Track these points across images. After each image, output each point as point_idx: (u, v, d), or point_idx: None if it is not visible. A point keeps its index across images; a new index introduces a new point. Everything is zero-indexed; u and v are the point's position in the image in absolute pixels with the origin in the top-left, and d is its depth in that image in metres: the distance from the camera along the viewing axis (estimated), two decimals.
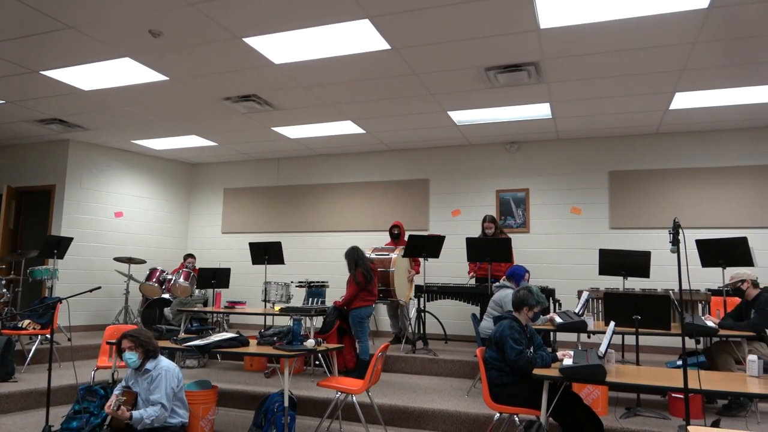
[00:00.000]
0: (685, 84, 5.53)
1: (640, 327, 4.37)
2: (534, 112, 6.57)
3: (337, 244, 8.44)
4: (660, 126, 7.03)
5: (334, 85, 5.81)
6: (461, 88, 5.79)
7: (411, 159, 8.56)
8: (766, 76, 5.30)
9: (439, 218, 8.28)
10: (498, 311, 5.11)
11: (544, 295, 4.14)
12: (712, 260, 5.39)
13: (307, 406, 5.02)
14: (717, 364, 4.80)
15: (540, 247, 7.69)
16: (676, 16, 4.18)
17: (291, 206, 9.19)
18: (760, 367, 3.43)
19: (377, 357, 4.21)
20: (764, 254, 6.48)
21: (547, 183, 7.81)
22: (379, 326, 8.19)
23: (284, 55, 5.04)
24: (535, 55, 4.95)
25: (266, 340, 4.44)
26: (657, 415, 4.54)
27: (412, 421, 4.75)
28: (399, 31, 4.53)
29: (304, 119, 7.06)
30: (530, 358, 3.64)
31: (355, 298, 5.71)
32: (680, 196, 7.20)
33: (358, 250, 5.86)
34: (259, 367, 6.42)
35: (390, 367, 6.19)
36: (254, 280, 8.74)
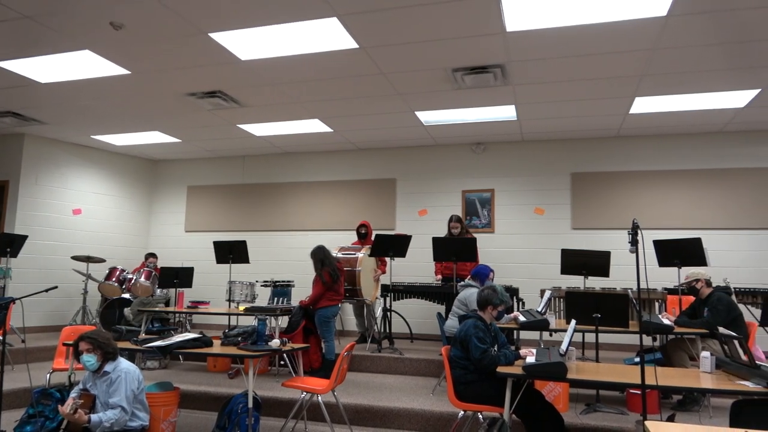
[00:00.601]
0: (645, 89, 5.70)
1: (599, 325, 4.49)
2: (499, 113, 6.67)
3: (304, 243, 8.38)
4: (620, 129, 7.23)
5: (301, 83, 5.77)
6: (429, 88, 5.83)
7: (378, 158, 8.57)
8: (721, 83, 5.51)
9: (406, 218, 8.32)
10: (463, 310, 5.16)
11: (508, 294, 4.20)
12: (669, 260, 5.58)
13: (271, 406, 4.97)
14: (672, 361, 4.97)
15: (504, 247, 7.81)
16: (636, 23, 4.31)
17: (257, 205, 9.09)
18: (713, 363, 3.56)
19: (343, 356, 4.20)
20: (717, 254, 6.74)
21: (511, 184, 7.93)
22: (345, 326, 8.17)
23: (251, 51, 4.98)
24: (501, 58, 5.02)
25: (230, 340, 4.38)
26: (615, 410, 4.67)
27: (377, 420, 4.76)
28: (367, 30, 4.53)
29: (271, 117, 6.98)
30: (494, 357, 3.69)
31: (321, 298, 5.69)
32: (639, 198, 7.43)
33: (324, 249, 5.84)
34: (223, 367, 6.33)
35: (356, 366, 6.18)
36: (218, 279, 8.61)
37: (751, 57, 4.85)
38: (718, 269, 6.47)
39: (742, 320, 4.83)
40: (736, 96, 5.85)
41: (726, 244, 7.03)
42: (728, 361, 3.56)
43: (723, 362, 3.60)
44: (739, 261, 6.95)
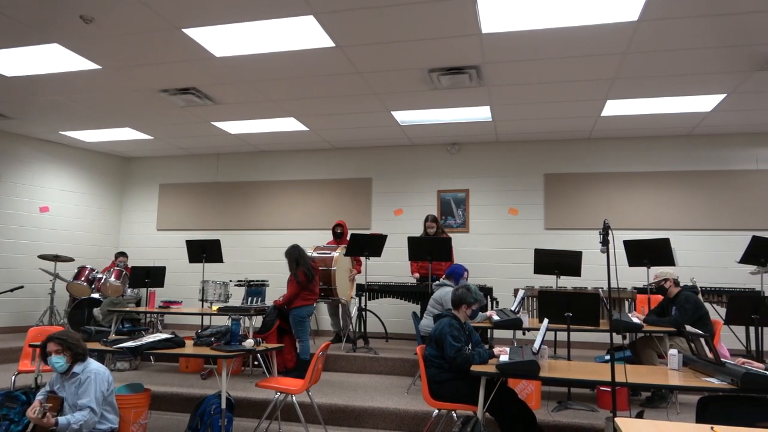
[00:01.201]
0: (616, 92, 5.81)
1: (571, 324, 4.57)
2: (475, 114, 6.72)
3: (278, 243, 8.31)
4: (592, 131, 7.36)
5: (277, 81, 5.72)
6: (405, 88, 5.85)
7: (354, 158, 8.56)
8: (690, 87, 5.65)
9: (382, 217, 8.33)
10: (438, 309, 5.19)
11: (482, 294, 4.24)
12: (638, 260, 5.70)
13: (245, 407, 4.92)
14: (641, 359, 5.08)
15: (479, 247, 7.88)
16: (608, 28, 4.39)
17: (231, 203, 8.99)
18: (680, 360, 3.66)
19: (318, 356, 4.19)
20: (684, 254, 6.91)
21: (486, 184, 8.01)
22: (319, 325, 8.14)
23: (226, 48, 4.92)
24: (477, 59, 5.06)
25: (203, 340, 4.33)
26: (586, 407, 4.76)
27: (352, 420, 4.76)
28: (344, 29, 4.52)
29: (246, 115, 6.91)
30: (468, 355, 3.72)
31: (296, 297, 5.66)
32: (610, 199, 7.57)
33: (299, 248, 5.80)
34: (195, 368, 6.24)
35: (331, 366, 6.16)
36: (191, 279, 8.50)
37: (718, 62, 4.99)
38: (685, 269, 6.64)
39: (708, 319, 4.96)
40: (703, 100, 6.01)
41: (693, 245, 7.22)
42: (695, 359, 3.65)
43: (690, 360, 3.69)
44: (706, 261, 7.14)
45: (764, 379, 3.00)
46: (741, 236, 6.64)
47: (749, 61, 4.93)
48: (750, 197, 7.16)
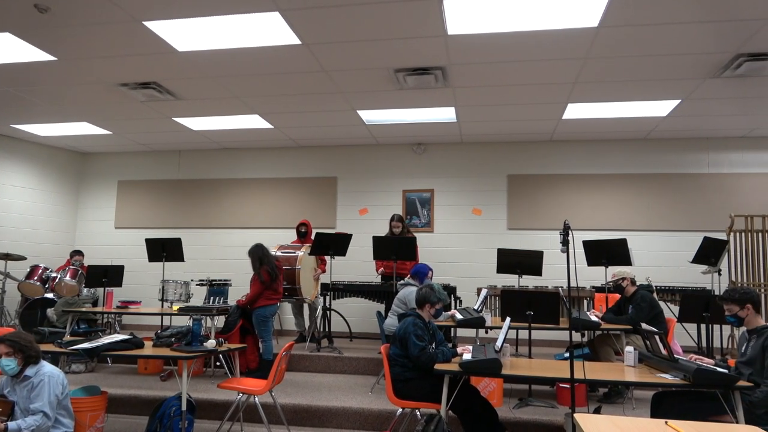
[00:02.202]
0: (577, 96, 5.95)
1: (532, 322, 4.66)
2: (440, 115, 6.78)
3: (241, 242, 8.21)
4: (554, 134, 7.52)
5: (241, 77, 5.64)
6: (371, 87, 5.85)
7: (319, 156, 8.51)
8: (646, 93, 5.84)
9: (347, 216, 8.31)
10: (402, 309, 5.21)
11: (446, 293, 4.29)
12: (597, 260, 5.86)
13: (206, 408, 4.84)
14: (599, 356, 5.22)
15: (443, 246, 7.96)
16: (570, 33, 4.49)
17: (193, 201, 8.81)
18: (636, 357, 3.77)
19: (281, 356, 4.15)
20: (640, 254, 7.15)
21: (450, 184, 8.09)
22: (283, 325, 8.07)
23: (189, 42, 4.82)
24: (443, 60, 5.11)
25: (163, 341, 4.24)
26: (546, 404, 4.86)
27: (315, 420, 4.74)
28: (310, 26, 4.49)
29: (209, 111, 6.79)
30: (432, 354, 3.75)
31: (260, 297, 5.59)
32: (570, 200, 7.76)
33: (263, 247, 5.73)
34: (155, 370, 6.10)
35: (294, 366, 6.12)
36: (150, 278, 8.31)
37: (674, 69, 5.17)
38: (641, 268, 6.86)
39: (663, 317, 5.14)
40: (659, 106, 6.22)
41: (648, 245, 7.46)
42: (650, 356, 3.78)
43: (645, 356, 3.81)
44: (660, 260, 7.39)
45: (714, 375, 3.13)
46: (693, 237, 6.91)
47: (702, 68, 5.13)
48: (702, 200, 7.45)
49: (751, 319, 3.49)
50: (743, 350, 3.50)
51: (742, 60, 4.83)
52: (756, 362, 3.34)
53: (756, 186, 7.35)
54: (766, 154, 7.38)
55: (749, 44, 4.59)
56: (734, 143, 7.47)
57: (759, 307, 3.52)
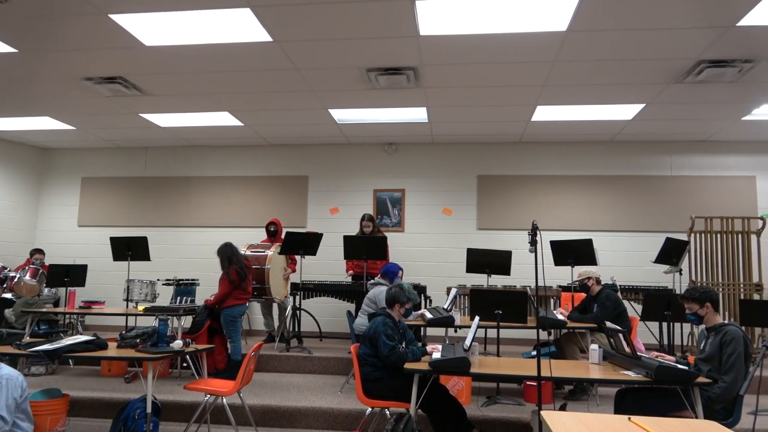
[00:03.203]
0: (546, 98, 6.05)
1: (500, 321, 4.72)
2: (412, 115, 6.81)
3: (210, 241, 8.09)
4: (523, 135, 7.63)
5: (211, 74, 5.55)
6: (343, 86, 5.83)
7: (290, 155, 8.45)
8: (613, 96, 5.97)
9: (318, 216, 8.27)
10: (372, 308, 5.22)
11: (416, 292, 4.31)
12: (563, 259, 5.97)
13: (172, 410, 4.75)
14: (565, 354, 5.32)
15: (414, 246, 7.99)
16: (539, 36, 4.57)
17: (160, 199, 8.64)
18: (600, 355, 3.86)
19: (250, 357, 4.11)
20: (605, 254, 7.31)
21: (421, 184, 8.13)
22: (252, 325, 7.99)
23: (157, 37, 4.72)
24: (415, 61, 5.13)
25: (128, 342, 4.15)
26: (513, 402, 4.93)
27: (284, 421, 4.70)
28: (281, 23, 4.45)
29: (177, 107, 6.67)
30: (402, 353, 3.76)
31: (228, 297, 5.52)
32: (538, 201, 7.88)
33: (232, 246, 5.66)
34: (119, 371, 5.97)
35: (263, 366, 6.06)
36: (115, 277, 8.12)
37: (639, 74, 5.30)
38: (606, 268, 7.01)
39: (626, 315, 5.27)
40: (624, 109, 6.37)
41: (613, 245, 7.64)
42: (613, 353, 3.87)
43: (609, 354, 3.91)
44: (625, 260, 7.58)
45: (675, 372, 3.22)
46: (656, 238, 7.10)
47: (666, 74, 5.28)
48: (665, 201, 7.67)
49: (710, 317, 3.60)
50: (702, 347, 3.61)
51: (704, 66, 4.99)
52: (714, 359, 3.45)
53: (715, 189, 7.60)
54: (725, 157, 7.64)
55: (710, 51, 4.74)
56: (695, 147, 7.71)
57: (717, 306, 3.64)
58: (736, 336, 3.40)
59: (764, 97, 5.84)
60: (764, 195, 7.49)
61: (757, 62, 4.92)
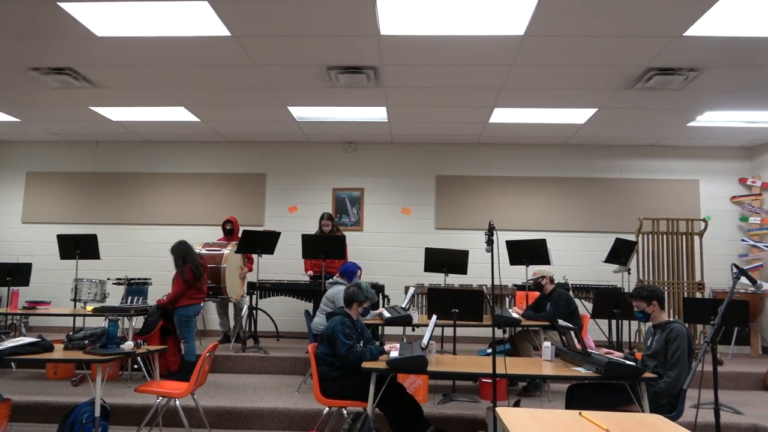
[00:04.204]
0: (503, 101, 6.17)
1: (457, 319, 4.78)
2: (371, 114, 6.81)
3: (164, 239, 7.88)
4: (481, 137, 7.76)
5: (166, 67, 5.41)
6: (302, 84, 5.78)
7: (248, 152, 8.32)
8: (567, 100, 6.14)
9: (275, 214, 8.18)
10: (330, 307, 5.20)
11: (374, 291, 4.32)
12: (518, 259, 6.10)
13: (122, 414, 4.61)
14: (519, 351, 5.44)
15: (372, 245, 8.00)
16: (497, 39, 4.65)
17: (111, 195, 8.35)
18: (552, 352, 3.97)
19: (204, 357, 4.03)
20: (558, 254, 7.51)
21: (380, 184, 8.15)
22: (207, 325, 7.83)
23: (109, 27, 4.55)
24: (375, 60, 5.13)
25: (75, 343, 4.01)
26: (469, 399, 5.01)
27: (240, 422, 4.63)
28: (240, 18, 4.37)
29: (130, 101, 6.46)
30: (359, 352, 3.77)
31: (182, 296, 5.39)
32: (495, 201, 8.03)
33: (186, 244, 5.53)
34: (65, 374, 5.74)
35: (218, 367, 5.95)
36: (62, 276, 7.81)
37: (592, 79, 5.47)
38: (559, 267, 7.21)
39: (578, 313, 5.43)
40: (578, 113, 6.56)
41: (566, 245, 7.86)
42: (565, 350, 3.98)
43: (561, 351, 4.02)
44: (576, 260, 7.81)
45: (623, 367, 3.34)
46: (606, 238, 7.34)
47: (616, 80, 5.46)
48: (614, 203, 7.94)
49: (656, 315, 3.75)
50: (649, 344, 3.76)
51: (653, 74, 5.19)
52: (660, 355, 3.60)
53: (662, 191, 7.92)
54: (671, 162, 7.97)
55: (659, 59, 4.93)
56: (644, 151, 8.01)
57: (663, 304, 3.80)
58: (680, 333, 3.55)
59: (707, 104, 6.13)
60: (707, 198, 7.87)
61: (702, 71, 5.15)
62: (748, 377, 5.78)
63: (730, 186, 7.88)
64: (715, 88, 5.59)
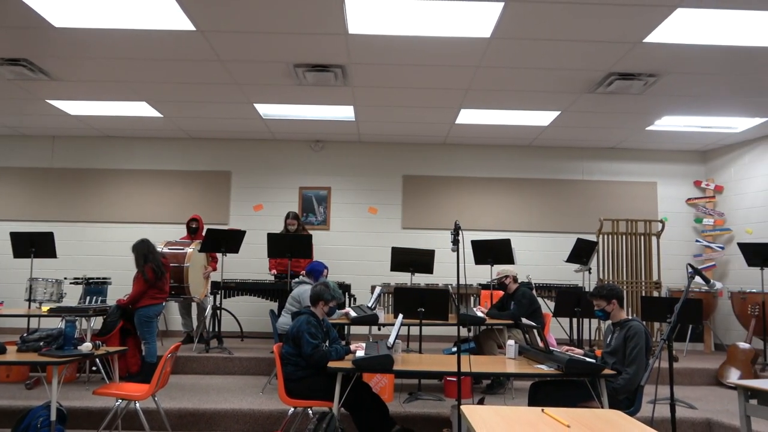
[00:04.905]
0: (469, 102, 6.24)
1: (423, 318, 4.81)
2: (339, 113, 6.79)
3: (125, 237, 7.69)
4: (447, 137, 7.82)
5: (128, 61, 5.26)
6: (269, 81, 5.72)
7: (213, 149, 8.18)
8: (531, 103, 6.25)
9: (241, 212, 8.07)
10: (296, 307, 5.16)
11: (341, 290, 4.31)
12: (483, 258, 6.18)
13: (80, 417, 4.47)
14: (483, 349, 5.51)
15: (339, 244, 7.98)
16: (464, 41, 4.70)
17: (68, 192, 8.08)
18: (516, 350, 4.03)
19: (166, 358, 3.94)
20: (522, 254, 7.64)
21: (347, 183, 8.13)
22: (169, 326, 7.66)
23: (68, 18, 4.40)
24: (343, 58, 5.12)
25: (30, 345, 3.87)
26: (434, 397, 5.05)
27: (203, 424, 4.55)
28: (206, 12, 4.29)
29: (90, 95, 6.26)
30: (325, 352, 3.75)
31: (143, 296, 5.26)
32: (461, 201, 8.11)
33: (148, 243, 5.40)
34: (19, 377, 5.53)
35: (180, 368, 5.84)
36: (16, 276, 7.53)
37: (556, 83, 5.58)
38: (523, 267, 7.34)
39: (541, 312, 5.53)
40: (542, 115, 6.69)
41: (529, 245, 8.00)
42: (528, 348, 4.05)
43: (524, 349, 4.09)
44: (539, 260, 7.95)
45: (584, 365, 3.43)
46: (568, 238, 7.50)
47: (579, 84, 5.59)
48: (576, 204, 8.13)
49: (616, 313, 3.86)
50: (608, 341, 3.86)
51: (614, 78, 5.33)
52: (619, 352, 3.70)
53: (622, 193, 8.14)
54: (630, 164, 8.20)
55: (620, 64, 5.07)
56: (605, 153, 8.22)
57: (623, 303, 3.90)
58: (638, 331, 3.65)
59: (665, 109, 6.33)
60: (664, 200, 8.13)
61: (660, 77, 5.32)
62: (701, 373, 6.00)
63: (686, 188, 8.16)
64: (672, 93, 5.78)
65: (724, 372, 5.82)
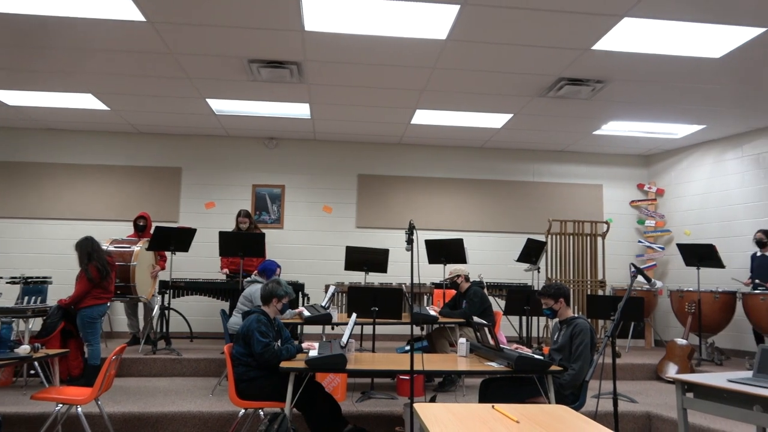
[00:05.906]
0: (425, 102, 6.29)
1: (377, 317, 4.82)
2: (294, 110, 6.72)
3: (68, 234, 7.37)
4: (403, 137, 7.87)
5: (72, 51, 5.04)
6: (222, 76, 5.60)
7: (162, 145, 7.94)
8: (485, 105, 6.35)
9: (191, 210, 7.87)
10: (248, 306, 5.08)
11: (293, 289, 4.26)
12: (436, 258, 6.25)
13: (16, 424, 4.26)
14: (436, 347, 5.57)
15: (293, 243, 7.90)
16: (421, 42, 4.73)
17: (5, 187, 7.67)
18: (467, 348, 4.09)
19: (111, 361, 3.80)
20: (474, 253, 7.78)
21: (302, 181, 8.06)
22: (114, 326, 7.40)
23: (6, 2, 4.18)
24: (299, 55, 5.07)
25: None
26: (387, 396, 5.07)
27: (148, 428, 4.41)
28: (156, 3, 4.16)
29: (29, 85, 5.97)
30: (276, 351, 3.70)
31: (86, 296, 5.05)
32: (415, 201, 8.18)
33: (92, 241, 5.19)
34: None
35: (126, 371, 5.65)
36: None
37: (508, 86, 5.71)
38: (475, 266, 7.47)
39: (492, 310, 5.63)
40: (495, 118, 6.82)
41: (481, 245, 8.14)
42: (479, 346, 4.12)
43: (475, 347, 4.16)
44: (491, 259, 8.11)
45: (532, 362, 3.51)
46: (519, 238, 7.69)
47: (531, 88, 5.73)
48: (527, 205, 8.33)
49: (563, 311, 3.98)
50: (555, 339, 3.98)
51: (563, 83, 5.50)
52: (565, 349, 3.81)
53: (570, 195, 8.41)
54: (578, 167, 8.48)
55: (569, 70, 5.23)
56: (554, 156, 8.47)
57: (569, 301, 4.03)
58: (584, 328, 3.78)
59: (611, 114, 6.57)
60: (609, 202, 8.44)
61: (607, 83, 5.52)
62: (642, 368, 6.26)
63: (630, 191, 8.50)
64: (618, 99, 6.01)
65: (663, 367, 6.09)
